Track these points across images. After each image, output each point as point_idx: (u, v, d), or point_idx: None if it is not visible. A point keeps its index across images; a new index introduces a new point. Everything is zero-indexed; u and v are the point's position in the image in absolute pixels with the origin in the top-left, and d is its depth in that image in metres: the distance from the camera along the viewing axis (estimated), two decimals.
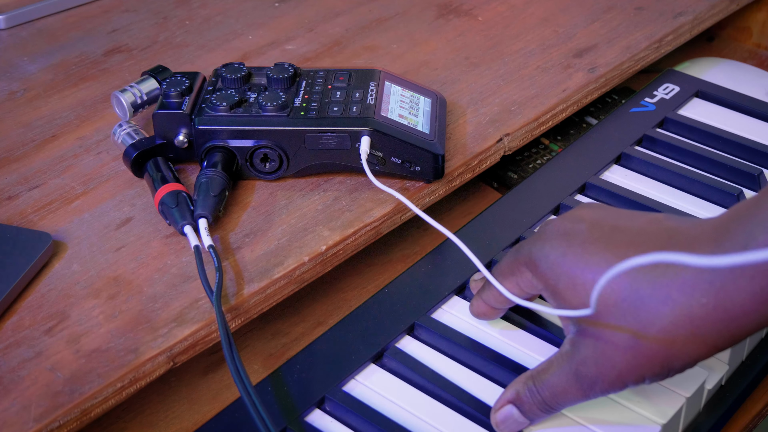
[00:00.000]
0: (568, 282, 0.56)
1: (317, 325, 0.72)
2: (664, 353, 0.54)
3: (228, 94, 0.74)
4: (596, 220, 0.58)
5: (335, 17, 0.96)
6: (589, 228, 0.57)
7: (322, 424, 0.61)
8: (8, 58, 0.91)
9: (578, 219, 0.58)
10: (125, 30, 0.95)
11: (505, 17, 0.95)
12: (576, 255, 0.56)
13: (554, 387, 0.57)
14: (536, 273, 0.58)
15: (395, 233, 0.77)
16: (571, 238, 0.57)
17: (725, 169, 0.80)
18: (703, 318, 0.52)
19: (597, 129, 0.85)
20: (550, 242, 0.58)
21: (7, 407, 0.58)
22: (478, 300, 0.65)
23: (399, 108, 0.75)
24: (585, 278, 0.55)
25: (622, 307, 0.54)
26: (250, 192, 0.74)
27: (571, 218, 0.59)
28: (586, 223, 0.57)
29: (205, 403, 0.66)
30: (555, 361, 0.58)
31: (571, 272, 0.56)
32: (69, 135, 0.81)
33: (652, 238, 0.55)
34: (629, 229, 0.56)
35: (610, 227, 0.57)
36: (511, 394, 0.59)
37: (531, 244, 0.59)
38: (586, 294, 0.55)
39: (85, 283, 0.66)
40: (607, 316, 0.54)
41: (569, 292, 0.56)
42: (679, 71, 0.92)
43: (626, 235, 0.56)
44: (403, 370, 0.64)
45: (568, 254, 0.56)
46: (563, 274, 0.56)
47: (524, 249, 0.60)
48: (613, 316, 0.54)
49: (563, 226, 0.58)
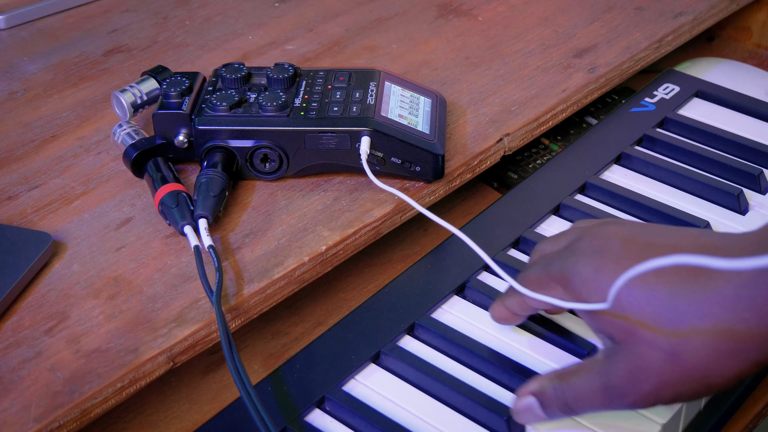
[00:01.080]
0: (601, 298, 0.55)
1: (317, 325, 0.72)
2: (704, 370, 0.53)
3: (228, 94, 0.74)
4: (629, 236, 0.57)
5: (335, 17, 0.96)
6: (622, 244, 0.56)
7: (322, 424, 0.61)
8: (8, 58, 0.91)
9: (610, 236, 0.57)
10: (125, 30, 0.95)
11: (505, 17, 0.95)
12: (610, 271, 0.55)
13: (580, 391, 0.57)
14: (568, 288, 0.58)
15: (395, 233, 0.77)
16: (605, 254, 0.56)
17: (725, 169, 0.80)
18: (746, 334, 0.51)
19: (597, 129, 0.85)
20: (583, 259, 0.57)
21: (7, 407, 0.58)
22: (500, 306, 0.65)
23: (399, 108, 0.75)
24: (632, 307, 0.54)
25: (659, 321, 0.53)
26: (250, 192, 0.74)
27: (603, 235, 0.58)
28: (618, 239, 0.57)
29: (205, 403, 0.66)
30: (586, 365, 0.57)
31: (605, 288, 0.55)
32: (69, 135, 0.81)
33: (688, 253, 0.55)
34: (663, 244, 0.56)
35: (644, 243, 0.56)
36: (536, 387, 0.58)
37: (563, 260, 0.58)
38: (621, 310, 0.55)
39: (85, 283, 0.66)
40: (644, 330, 0.54)
41: (614, 321, 0.55)
42: (679, 71, 0.92)
43: (660, 250, 0.54)
44: (403, 369, 0.64)
45: (603, 270, 0.56)
46: (597, 290, 0.56)
47: (555, 264, 0.59)
48: (651, 331, 0.53)
49: (595, 243, 0.57)
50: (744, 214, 0.76)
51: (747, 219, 0.76)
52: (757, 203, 0.77)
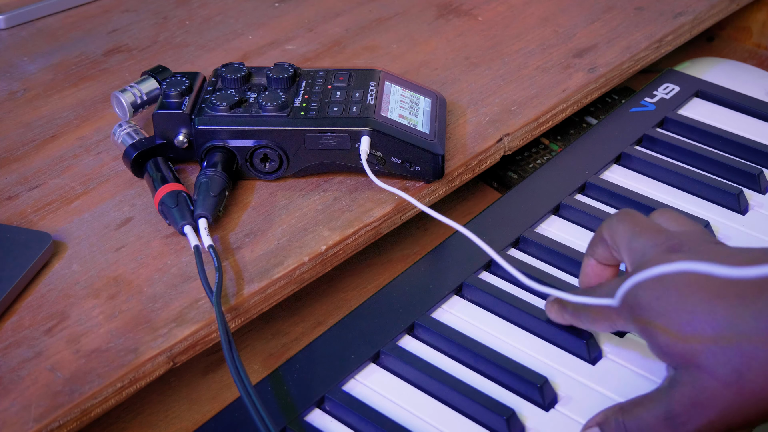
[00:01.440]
0: (666, 325, 0.55)
1: (317, 325, 0.72)
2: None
3: (228, 94, 0.74)
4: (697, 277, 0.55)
5: (335, 17, 0.96)
6: (682, 274, 0.55)
7: (322, 424, 0.61)
8: (8, 58, 0.91)
9: (677, 264, 0.55)
10: (125, 30, 0.95)
11: (505, 17, 0.95)
12: (676, 301, 0.55)
13: (642, 422, 0.55)
14: (636, 319, 0.57)
15: (395, 233, 0.77)
16: (670, 284, 0.55)
17: (725, 168, 0.80)
18: None
19: (597, 129, 0.85)
20: (646, 289, 0.56)
21: (7, 407, 0.58)
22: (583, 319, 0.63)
23: (399, 108, 0.75)
24: (683, 322, 0.54)
25: (722, 342, 0.52)
26: (250, 192, 0.74)
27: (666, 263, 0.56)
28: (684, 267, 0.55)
29: (205, 403, 0.66)
30: (650, 396, 0.56)
31: (670, 316, 0.55)
32: (69, 135, 0.81)
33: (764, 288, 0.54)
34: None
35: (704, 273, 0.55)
36: (601, 418, 0.58)
37: (626, 292, 0.57)
38: (681, 332, 0.54)
39: (85, 283, 0.66)
40: (706, 353, 0.53)
41: (667, 334, 0.55)
42: (679, 71, 0.92)
43: (719, 279, 0.54)
44: (403, 369, 0.64)
45: (669, 300, 0.55)
46: (661, 318, 0.55)
47: (627, 299, 0.57)
48: (712, 353, 0.53)
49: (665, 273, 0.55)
50: (744, 214, 0.76)
51: (747, 219, 0.76)
52: (757, 203, 0.77)
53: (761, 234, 0.74)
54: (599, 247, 0.63)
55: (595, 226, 0.75)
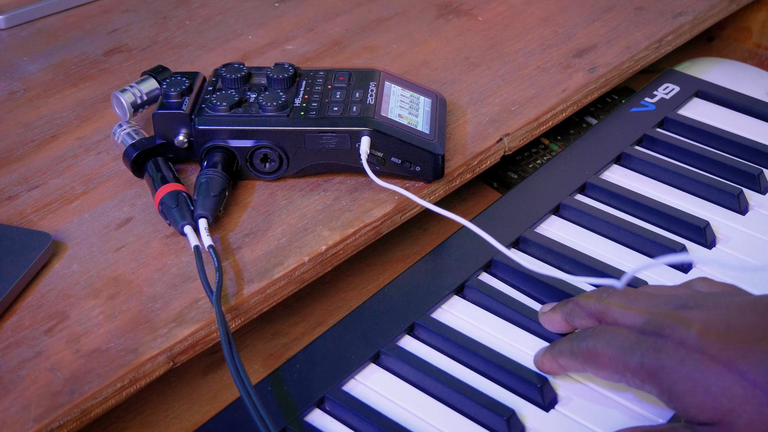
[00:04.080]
0: (688, 391, 0.55)
1: (317, 325, 0.72)
2: None
3: (228, 94, 0.74)
4: (707, 322, 0.56)
5: (335, 17, 0.96)
6: (701, 334, 0.55)
7: (322, 424, 0.61)
8: (8, 58, 0.91)
9: (689, 324, 0.56)
10: (125, 30, 0.95)
11: (505, 17, 0.95)
12: (693, 366, 0.55)
13: None
14: (652, 380, 0.56)
15: (395, 233, 0.77)
16: (686, 348, 0.55)
17: (725, 169, 0.80)
18: None
19: (597, 129, 0.85)
20: (664, 353, 0.56)
21: (6, 407, 0.58)
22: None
23: (399, 108, 0.75)
24: (703, 389, 0.54)
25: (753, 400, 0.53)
26: (250, 192, 0.74)
27: (684, 322, 0.56)
28: (697, 328, 0.56)
29: (205, 403, 0.66)
30: None
31: (690, 382, 0.55)
32: (69, 135, 0.81)
33: (763, 328, 0.55)
34: (742, 326, 0.55)
35: (721, 332, 0.55)
36: None
37: (643, 353, 0.57)
38: (706, 402, 0.54)
39: (85, 283, 0.66)
40: (737, 411, 0.53)
41: (690, 400, 0.55)
42: (679, 71, 0.92)
43: (741, 333, 0.55)
44: (403, 369, 0.64)
45: (685, 367, 0.55)
46: (682, 385, 0.55)
47: (632, 356, 0.57)
48: (743, 413, 0.53)
49: (676, 334, 0.56)
50: (744, 214, 0.76)
51: (747, 219, 0.76)
52: (757, 203, 0.77)
53: (761, 234, 0.74)
54: (580, 319, 0.62)
55: (595, 227, 0.75)
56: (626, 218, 0.75)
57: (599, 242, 0.74)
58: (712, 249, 0.73)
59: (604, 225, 0.74)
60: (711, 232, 0.74)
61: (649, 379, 0.56)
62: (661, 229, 0.75)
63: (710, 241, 0.73)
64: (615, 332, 0.59)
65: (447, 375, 0.63)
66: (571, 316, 0.63)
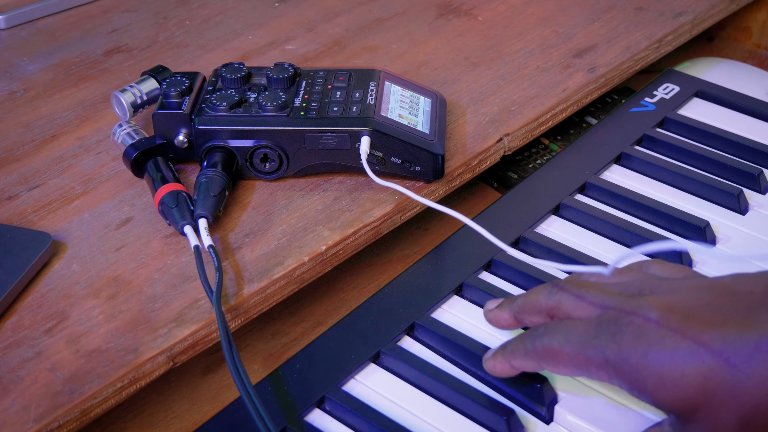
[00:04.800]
0: (657, 381, 0.53)
1: (317, 325, 0.72)
2: None
3: (228, 94, 0.74)
4: (667, 307, 0.54)
5: (335, 17, 0.96)
6: (662, 318, 0.53)
7: (322, 424, 0.61)
8: (8, 58, 0.91)
9: (648, 309, 0.54)
10: (125, 30, 0.95)
11: (505, 17, 0.95)
12: (659, 353, 0.52)
13: None
14: (619, 375, 0.54)
15: (395, 233, 0.77)
16: (648, 335, 0.53)
17: (725, 169, 0.80)
18: None
19: (597, 129, 0.85)
20: (626, 344, 0.53)
21: (6, 407, 0.58)
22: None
23: (399, 108, 0.75)
24: (673, 375, 0.52)
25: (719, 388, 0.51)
26: (250, 192, 0.74)
27: (642, 309, 0.54)
28: (656, 313, 0.53)
29: (205, 403, 0.66)
30: None
31: (658, 371, 0.52)
32: (69, 135, 0.81)
33: (724, 308, 0.53)
34: (704, 308, 0.53)
35: (682, 314, 0.53)
36: None
37: (603, 346, 0.54)
38: (679, 389, 0.52)
39: (85, 283, 0.66)
40: (710, 404, 0.51)
41: (661, 390, 0.53)
42: (679, 71, 0.92)
43: (704, 315, 0.53)
44: (403, 369, 0.64)
45: (650, 354, 0.52)
46: (651, 375, 0.53)
47: (593, 350, 0.54)
48: (712, 406, 0.51)
49: (635, 321, 0.53)
50: (744, 214, 0.76)
51: (747, 219, 0.76)
52: (757, 203, 0.77)
53: (761, 234, 0.74)
54: (530, 315, 0.60)
55: (595, 226, 0.75)
56: (626, 218, 0.75)
57: (599, 242, 0.74)
58: (711, 249, 0.73)
59: (604, 225, 0.74)
60: (711, 232, 0.74)
61: (615, 373, 0.54)
62: (661, 229, 0.75)
63: (710, 241, 0.73)
64: (571, 327, 0.56)
65: (447, 375, 0.63)
66: (520, 313, 0.60)
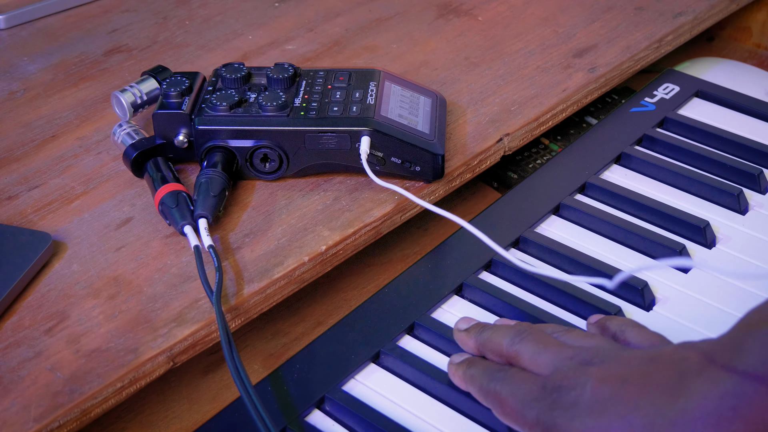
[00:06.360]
0: None
1: (317, 325, 0.72)
2: None
3: (228, 94, 0.74)
4: (605, 377, 0.55)
5: (335, 17, 0.96)
6: (596, 388, 0.55)
7: (322, 424, 0.61)
8: (8, 58, 0.91)
9: (586, 381, 0.55)
10: (125, 30, 0.95)
11: (505, 17, 0.95)
12: (585, 419, 0.54)
13: None
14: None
15: (395, 233, 0.77)
16: (580, 404, 0.55)
17: (725, 169, 0.80)
18: None
19: (597, 129, 0.85)
20: (559, 410, 0.55)
21: (7, 407, 0.58)
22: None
23: (399, 108, 0.75)
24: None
25: None
26: (250, 192, 0.74)
27: (581, 380, 0.56)
28: (593, 383, 0.55)
29: (205, 403, 0.66)
30: None
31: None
32: (69, 135, 0.81)
33: (658, 376, 0.54)
34: (637, 376, 0.54)
35: (618, 382, 0.55)
36: None
37: (539, 409, 0.56)
38: None
39: (85, 283, 0.66)
40: None
41: None
42: (679, 71, 0.92)
43: (636, 383, 0.54)
44: (403, 369, 0.64)
45: (575, 420, 0.54)
46: None
47: (530, 410, 0.56)
48: None
49: (574, 391, 0.55)
50: (744, 214, 0.76)
51: (747, 219, 0.76)
52: (757, 203, 0.77)
53: (761, 234, 0.74)
54: (492, 354, 0.62)
55: (595, 226, 0.75)
56: (626, 218, 0.75)
57: (599, 242, 0.74)
58: (711, 249, 0.73)
59: (604, 225, 0.74)
60: (711, 232, 0.74)
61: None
62: (661, 229, 0.75)
63: (710, 241, 0.73)
64: (521, 382, 0.58)
65: (447, 375, 0.63)
66: (483, 348, 0.62)
